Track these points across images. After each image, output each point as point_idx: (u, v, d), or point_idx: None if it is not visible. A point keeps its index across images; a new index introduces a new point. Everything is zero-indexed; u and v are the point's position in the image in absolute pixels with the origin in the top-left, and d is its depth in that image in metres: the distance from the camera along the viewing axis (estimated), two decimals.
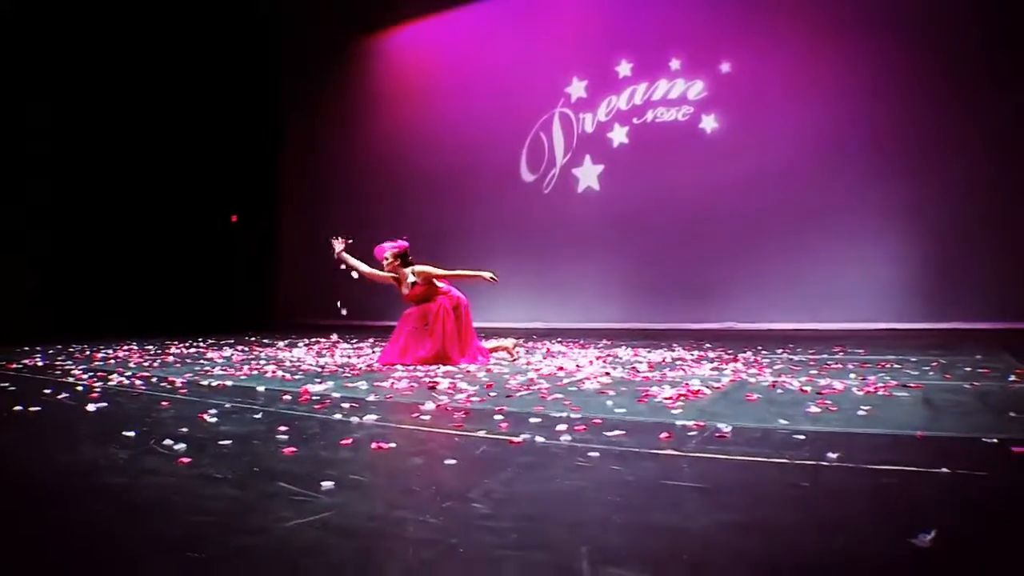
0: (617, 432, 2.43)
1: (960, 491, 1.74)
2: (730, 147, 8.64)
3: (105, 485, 1.90)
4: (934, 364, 4.24)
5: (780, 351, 5.35)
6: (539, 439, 2.33)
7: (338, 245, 5.03)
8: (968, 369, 3.97)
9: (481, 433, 2.49)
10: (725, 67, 8.69)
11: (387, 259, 4.99)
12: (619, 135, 9.51)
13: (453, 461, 2.05)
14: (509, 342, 5.22)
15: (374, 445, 2.26)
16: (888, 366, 4.16)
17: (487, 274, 4.92)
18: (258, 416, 2.82)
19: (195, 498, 1.76)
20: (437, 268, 4.92)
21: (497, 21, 10.52)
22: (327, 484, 1.80)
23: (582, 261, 9.48)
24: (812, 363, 4.49)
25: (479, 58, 10.57)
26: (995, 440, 2.21)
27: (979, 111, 7.25)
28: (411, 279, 4.90)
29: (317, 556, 1.33)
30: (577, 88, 9.85)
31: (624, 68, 9.46)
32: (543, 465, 2.03)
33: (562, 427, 2.48)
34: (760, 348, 5.61)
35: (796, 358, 4.93)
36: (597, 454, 2.12)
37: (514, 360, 5.01)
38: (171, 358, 5.49)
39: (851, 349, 5.34)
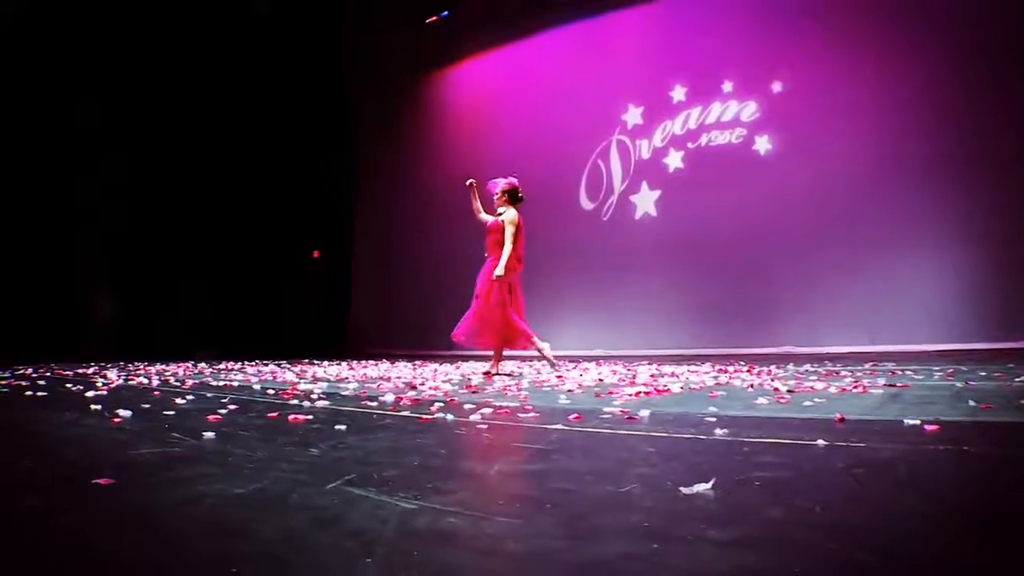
0: (531, 415, 2.48)
1: (812, 457, 1.69)
2: (784, 168, 8.40)
3: (33, 431, 2.18)
4: (949, 371, 3.95)
5: (807, 365, 5.12)
6: (449, 417, 2.41)
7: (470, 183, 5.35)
8: (982, 373, 3.68)
9: (404, 414, 2.60)
10: (777, 87, 8.52)
11: (497, 195, 5.20)
12: (675, 160, 9.47)
13: (343, 427, 2.17)
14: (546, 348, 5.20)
15: (291, 417, 2.42)
16: (899, 373, 3.91)
17: (499, 271, 4.94)
18: (224, 400, 3.06)
19: (91, 439, 1.99)
20: (513, 233, 4.97)
21: (553, 53, 10.82)
22: (208, 435, 1.98)
23: (641, 288, 9.42)
24: (824, 373, 4.29)
25: (538, 90, 10.87)
26: (917, 422, 2.10)
27: None
28: (500, 210, 5.10)
29: (128, 469, 1.51)
30: (633, 115, 9.93)
31: (678, 93, 9.46)
32: (420, 432, 2.13)
33: (486, 411, 2.54)
34: (791, 364, 5.39)
35: (812, 369, 4.71)
36: (485, 427, 2.19)
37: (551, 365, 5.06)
38: (210, 370, 5.92)
39: (883, 362, 5.03)
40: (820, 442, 1.81)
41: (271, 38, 11.55)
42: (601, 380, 4.21)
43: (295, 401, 3.04)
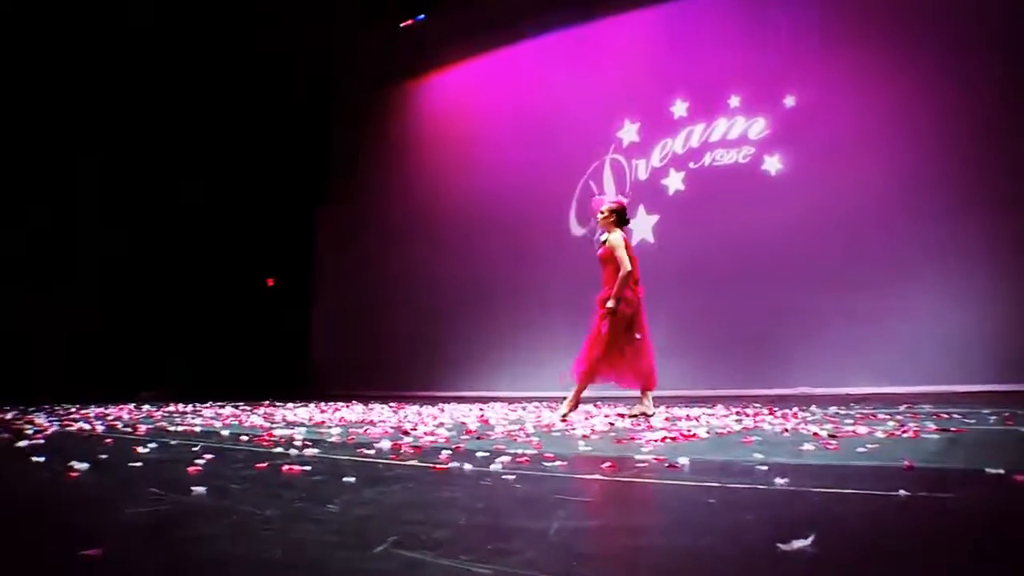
0: (558, 463, 2.44)
1: (898, 508, 1.67)
2: (797, 190, 8.49)
3: None
4: (1007, 415, 3.97)
5: (834, 408, 5.14)
6: (467, 467, 2.37)
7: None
8: None
9: (412, 463, 2.54)
10: (789, 101, 8.65)
11: (602, 212, 5.14)
12: (675, 181, 9.55)
13: (350, 479, 2.11)
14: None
15: (285, 468, 2.35)
16: (946, 417, 3.94)
17: (611, 303, 4.89)
18: (195, 448, 2.97)
19: (52, 500, 1.89)
20: (625, 257, 4.92)
21: (542, 62, 10.91)
22: (198, 489, 1.90)
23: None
24: (858, 416, 4.31)
25: (523, 103, 10.93)
26: (1001, 471, 2.09)
27: None
28: (603, 236, 5.10)
29: (116, 534, 1.43)
30: (629, 131, 10.02)
31: (679, 108, 9.59)
32: (442, 484, 2.08)
33: (504, 459, 2.50)
34: (814, 406, 5.40)
35: (842, 412, 4.73)
36: (513, 477, 2.14)
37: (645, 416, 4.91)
38: (160, 414, 5.78)
39: (917, 404, 5.08)
40: (901, 492, 1.78)
41: (224, 53, 11.50)
42: (612, 424, 4.19)
43: (279, 449, 2.95)
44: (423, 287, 11.43)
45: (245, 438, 3.48)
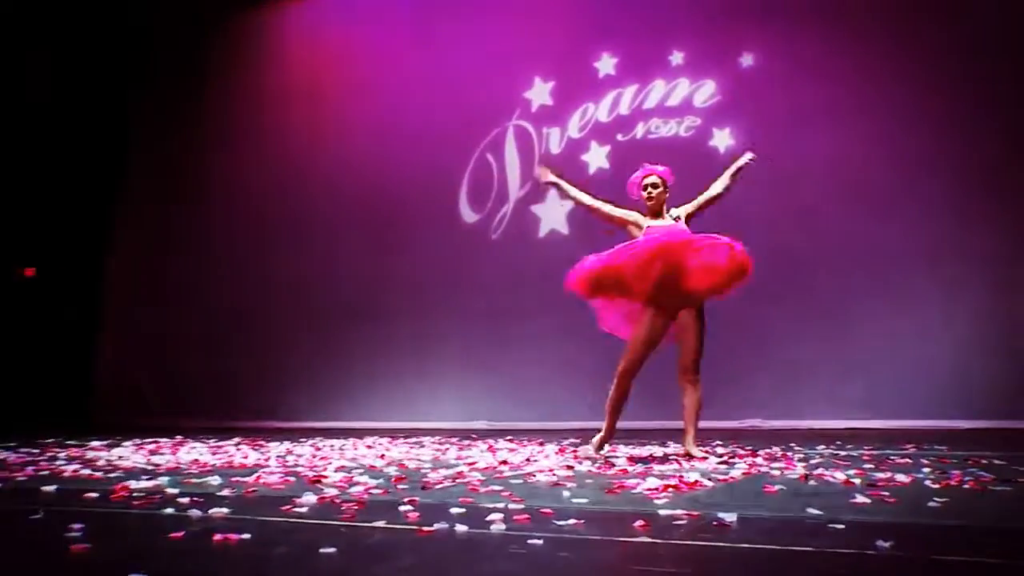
0: (572, 521, 2.50)
1: None
2: (752, 173, 8.83)
3: None
4: None
5: (821, 447, 5.47)
6: (460, 528, 2.39)
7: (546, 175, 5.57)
8: None
9: (380, 523, 2.53)
10: (747, 60, 8.98)
11: (656, 185, 5.34)
12: (598, 157, 9.75)
13: (330, 550, 2.07)
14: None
15: (218, 537, 2.27)
16: (985, 462, 4.30)
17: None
18: (37, 516, 2.80)
19: None
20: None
21: (428, 1, 10.89)
22: None
23: (545, 334, 9.42)
24: (866, 458, 4.61)
25: (403, 51, 10.81)
26: None
27: None
28: (675, 212, 5.41)
29: None
30: (540, 92, 10.14)
31: (606, 64, 9.80)
32: (462, 553, 2.11)
33: (496, 516, 2.53)
34: (792, 445, 5.72)
35: (843, 453, 5.06)
36: (541, 542, 2.17)
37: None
38: None
39: (929, 445, 5.48)
40: None
41: None
42: (572, 468, 4.30)
43: (168, 510, 2.83)
44: (261, 288, 11.12)
45: (94, 495, 3.31)
